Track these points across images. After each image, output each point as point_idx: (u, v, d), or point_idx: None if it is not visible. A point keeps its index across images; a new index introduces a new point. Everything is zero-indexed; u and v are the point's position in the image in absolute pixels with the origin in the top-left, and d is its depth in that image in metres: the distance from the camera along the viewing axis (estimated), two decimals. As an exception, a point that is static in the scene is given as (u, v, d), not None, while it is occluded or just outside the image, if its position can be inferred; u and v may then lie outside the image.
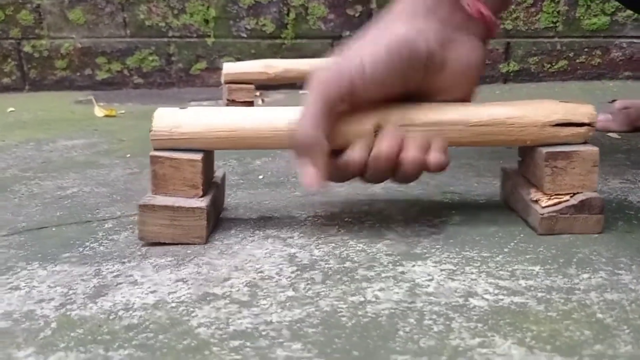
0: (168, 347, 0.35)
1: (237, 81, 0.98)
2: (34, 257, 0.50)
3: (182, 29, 1.41)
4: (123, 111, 1.19)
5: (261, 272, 0.45)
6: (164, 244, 0.51)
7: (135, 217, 0.58)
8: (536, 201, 0.51)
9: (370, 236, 0.52)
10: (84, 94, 1.42)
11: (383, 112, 0.51)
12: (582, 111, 0.51)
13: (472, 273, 0.44)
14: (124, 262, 0.48)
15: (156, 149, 0.52)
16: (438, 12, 0.49)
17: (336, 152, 0.49)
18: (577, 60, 1.34)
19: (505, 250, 0.48)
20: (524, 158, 0.54)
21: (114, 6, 1.41)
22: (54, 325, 0.38)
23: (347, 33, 1.38)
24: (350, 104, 0.49)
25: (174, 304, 0.41)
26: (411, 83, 0.49)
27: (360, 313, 0.39)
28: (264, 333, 0.37)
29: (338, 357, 0.34)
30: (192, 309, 0.40)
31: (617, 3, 1.30)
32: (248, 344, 0.35)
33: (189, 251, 0.50)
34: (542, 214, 0.50)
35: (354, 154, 0.49)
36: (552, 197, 0.50)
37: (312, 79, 0.49)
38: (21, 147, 0.91)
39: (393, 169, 0.49)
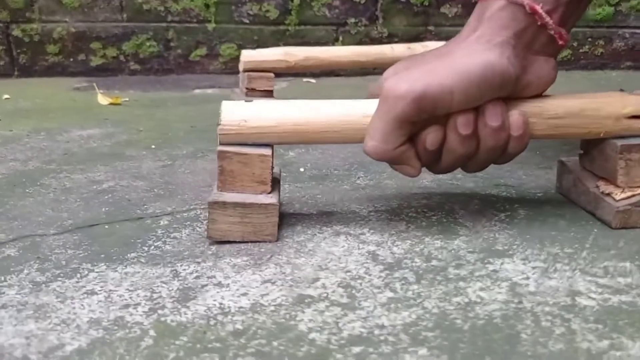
0: (288, 354, 0.34)
1: (256, 69, 0.95)
2: (97, 258, 0.47)
3: (181, 13, 1.37)
4: (127, 99, 1.15)
5: (348, 271, 0.44)
6: (232, 242, 0.49)
7: (190, 214, 0.56)
8: (608, 194, 0.51)
9: (443, 232, 0.50)
10: (77, 80, 1.37)
11: None
12: None
13: (565, 270, 0.43)
14: (198, 262, 0.46)
15: (223, 144, 0.49)
16: (523, 38, 0.48)
17: None
18: (581, 50, 1.35)
19: (587, 245, 0.47)
20: (589, 150, 0.54)
21: (110, -11, 1.36)
22: (152, 332, 0.36)
23: (352, 20, 1.36)
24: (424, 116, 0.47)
25: (272, 308, 0.39)
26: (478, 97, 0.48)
27: (471, 315, 0.38)
28: (382, 338, 0.35)
29: (467, 363, 0.33)
30: (294, 313, 0.38)
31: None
32: (371, 349, 0.34)
33: (262, 249, 0.48)
34: (618, 208, 0.50)
35: (430, 131, 0.48)
36: (626, 190, 0.50)
37: (385, 91, 0.47)
38: (33, 137, 0.87)
39: (473, 137, 0.48)
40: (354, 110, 0.50)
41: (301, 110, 0.50)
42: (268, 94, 0.95)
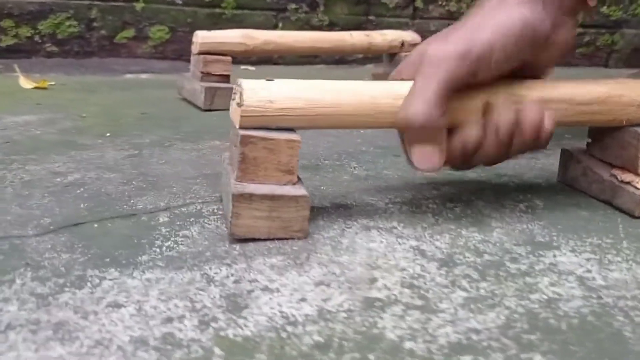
0: (394, 369, 0.29)
1: (212, 52, 0.88)
2: (102, 262, 0.39)
3: (106, -9, 1.25)
4: (53, 82, 1.03)
5: (403, 269, 0.40)
6: (257, 240, 0.43)
7: (190, 209, 0.49)
8: (628, 182, 0.50)
9: (475, 224, 0.48)
10: (-18, 62, 1.21)
11: (490, 89, 0.47)
12: None
13: (620, 262, 0.42)
14: (229, 264, 0.40)
15: (244, 127, 0.44)
16: None
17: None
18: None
19: (622, 235, 0.47)
20: (601, 139, 0.53)
21: (23, -40, 1.21)
22: (218, 351, 0.30)
23: (293, 6, 1.30)
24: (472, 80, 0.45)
25: (343, 314, 0.34)
26: (524, 61, 0.47)
27: (560, 313, 0.35)
28: (484, 344, 0.32)
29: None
30: (371, 319, 0.34)
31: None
32: (481, 358, 0.30)
33: (294, 247, 0.42)
34: None
35: (472, 131, 0.46)
36: None
37: (430, 55, 0.45)
38: (-44, 123, 0.75)
39: (510, 143, 0.47)
40: (388, 92, 0.45)
41: (331, 91, 0.45)
42: (224, 78, 0.88)
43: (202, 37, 0.87)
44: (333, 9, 1.32)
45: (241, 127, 0.44)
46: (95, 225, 0.46)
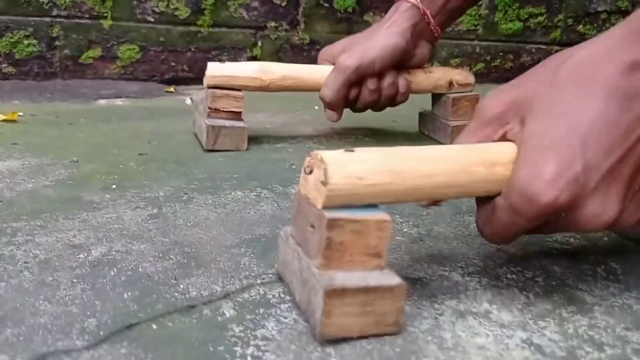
0: None
1: (223, 86, 0.80)
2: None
3: (70, 7, 1.14)
4: (22, 113, 0.93)
5: (532, 375, 0.35)
6: (347, 340, 0.38)
7: (252, 294, 0.43)
8: None
9: (571, 301, 0.44)
10: None
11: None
12: None
13: None
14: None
15: (328, 207, 0.38)
16: (417, 28, 0.79)
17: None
18: (493, 64, 1.38)
19: None
20: None
21: (-25, -28, 1.09)
22: None
23: (272, 24, 1.24)
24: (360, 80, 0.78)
25: None
26: (398, 65, 0.80)
27: None
28: None
29: None
30: None
31: (531, 9, 1.35)
32: None
33: (397, 349, 0.37)
34: None
35: (371, 85, 0.78)
36: None
37: (338, 65, 0.77)
38: None
39: (378, 96, 0.79)
40: (481, 159, 0.41)
41: (422, 159, 0.40)
42: (235, 115, 0.80)
43: (212, 71, 0.78)
44: (314, 27, 1.26)
45: (324, 207, 0.38)
46: (154, 327, 0.39)
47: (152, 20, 1.19)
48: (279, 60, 1.25)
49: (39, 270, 0.45)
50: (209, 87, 0.79)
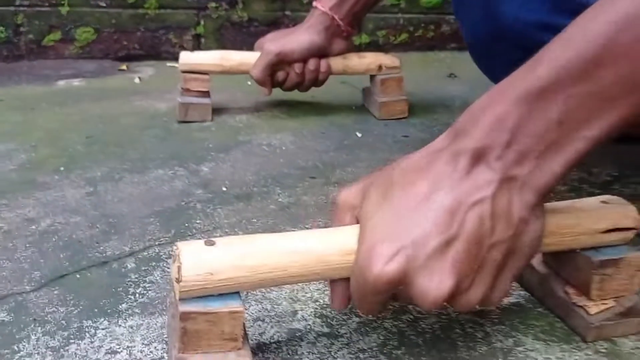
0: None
1: (193, 71, 0.99)
2: (92, 313, 0.53)
3: (30, -4, 1.29)
4: (-10, 98, 1.10)
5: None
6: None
7: (150, 252, 0.62)
8: (582, 306, 0.51)
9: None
10: None
11: None
12: (631, 215, 0.51)
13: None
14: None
15: (183, 300, 0.42)
16: (329, 30, 0.99)
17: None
18: (416, 34, 1.54)
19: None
20: (558, 255, 0.53)
21: (-57, -31, 1.23)
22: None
23: (213, 4, 1.39)
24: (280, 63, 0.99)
25: None
26: (315, 56, 1.00)
27: None
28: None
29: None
30: None
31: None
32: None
33: None
34: (592, 321, 0.51)
35: (297, 69, 1.00)
36: (599, 303, 0.51)
37: (263, 50, 0.99)
38: None
39: (302, 78, 1.00)
40: (337, 248, 0.44)
41: (277, 253, 0.43)
42: (203, 94, 1.00)
43: (183, 58, 1.00)
44: (251, 6, 1.42)
45: (181, 300, 0.42)
46: (78, 276, 0.58)
47: (104, 5, 1.34)
48: (221, 37, 1.41)
49: (3, 239, 0.64)
50: (182, 72, 0.99)
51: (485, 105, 0.42)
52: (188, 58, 1.00)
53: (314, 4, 1.00)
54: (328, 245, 0.44)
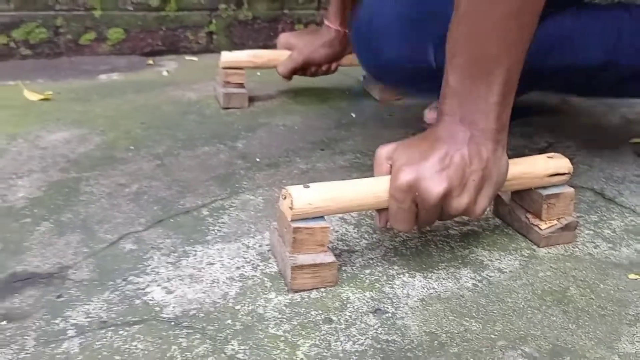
0: (340, 278, 0.72)
1: (231, 67, 1.25)
2: (190, 242, 0.79)
3: (69, 2, 1.52)
4: (50, 92, 1.33)
5: (337, 231, 0.82)
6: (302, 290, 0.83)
7: (216, 204, 0.88)
8: (536, 225, 0.78)
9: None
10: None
11: None
12: (565, 165, 0.77)
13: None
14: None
15: (294, 220, 0.67)
16: (342, 41, 1.26)
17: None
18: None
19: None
20: (520, 192, 0.80)
21: (-5, -19, 1.45)
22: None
23: (223, 6, 1.63)
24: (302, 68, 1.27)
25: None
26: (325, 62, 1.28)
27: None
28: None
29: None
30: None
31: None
32: None
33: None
34: (543, 234, 0.77)
35: (313, 69, 1.30)
36: (547, 222, 0.77)
37: (292, 56, 1.26)
38: (15, 144, 1.06)
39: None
40: (378, 189, 0.70)
41: (345, 191, 0.69)
42: (240, 85, 1.26)
43: (224, 57, 1.26)
44: (255, 5, 1.66)
45: (292, 220, 0.67)
46: (171, 221, 0.84)
47: (132, 9, 1.57)
48: (230, 33, 1.65)
49: (108, 198, 0.89)
50: (223, 68, 1.25)
51: (448, 96, 0.70)
52: (228, 57, 1.26)
53: (325, 22, 1.26)
54: (375, 187, 0.70)
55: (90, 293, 0.68)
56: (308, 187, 0.68)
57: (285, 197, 0.68)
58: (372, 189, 0.70)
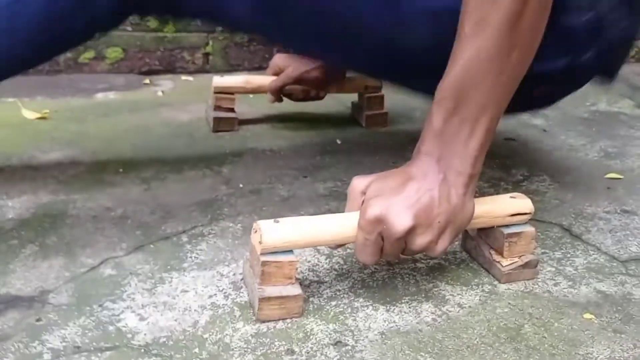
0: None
1: (223, 92, 1.29)
2: (167, 269, 0.82)
3: (70, 23, 1.57)
4: (47, 110, 1.37)
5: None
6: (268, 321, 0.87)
7: (196, 231, 0.92)
8: (498, 262, 0.81)
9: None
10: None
11: None
12: (527, 205, 0.81)
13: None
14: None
15: (263, 254, 0.71)
16: (332, 69, 1.28)
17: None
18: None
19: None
20: (485, 229, 0.83)
21: (-1, 1, 1.50)
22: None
23: (219, 28, 1.67)
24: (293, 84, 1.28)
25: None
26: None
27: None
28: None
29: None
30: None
31: None
32: None
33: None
34: (504, 271, 0.80)
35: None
36: (508, 259, 0.80)
37: (285, 73, 1.28)
38: (9, 164, 1.11)
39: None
40: (347, 224, 0.73)
41: (312, 227, 0.73)
42: (230, 110, 1.31)
43: (216, 82, 1.30)
44: (251, 29, 1.70)
45: (261, 254, 0.70)
46: (152, 246, 0.88)
47: (130, 29, 1.62)
48: (226, 55, 1.70)
49: (93, 222, 0.93)
50: (215, 92, 1.29)
51: (429, 136, 0.75)
52: (219, 81, 1.30)
53: None
54: (343, 224, 0.73)
55: (68, 318, 0.72)
56: (278, 222, 0.71)
57: (256, 231, 0.72)
58: (339, 226, 0.73)
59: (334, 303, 0.77)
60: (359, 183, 0.76)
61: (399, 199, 0.71)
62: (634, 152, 1.29)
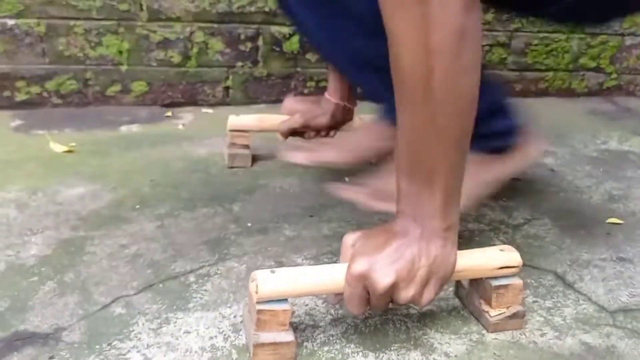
0: None
1: (238, 129, 1.36)
2: (174, 308, 0.88)
3: (98, 58, 1.65)
4: (74, 144, 1.45)
5: (307, 305, 0.90)
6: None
7: (203, 271, 0.97)
8: (487, 311, 0.85)
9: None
10: (9, 117, 1.61)
11: None
12: (515, 258, 0.84)
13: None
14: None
15: (259, 303, 0.75)
16: (342, 112, 1.33)
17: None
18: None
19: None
20: (475, 280, 0.86)
21: (33, 38, 1.59)
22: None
23: (240, 63, 1.74)
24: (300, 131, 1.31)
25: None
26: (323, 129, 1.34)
27: None
28: (334, 341, 0.83)
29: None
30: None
31: None
32: None
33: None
34: (492, 321, 0.84)
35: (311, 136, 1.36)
36: (496, 310, 0.84)
37: (293, 118, 1.31)
38: (35, 199, 1.18)
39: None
40: (338, 276, 0.77)
41: (306, 277, 0.77)
42: (245, 146, 1.38)
43: (231, 120, 1.38)
44: (270, 64, 1.77)
45: (257, 302, 0.75)
46: (161, 285, 0.94)
47: (155, 64, 1.70)
48: (245, 89, 1.76)
49: (108, 259, 1.00)
50: (230, 130, 1.37)
51: (401, 196, 0.79)
52: (234, 120, 1.37)
53: (327, 95, 1.33)
54: (335, 275, 0.77)
55: (78, 356, 0.78)
56: (274, 272, 0.76)
57: (253, 280, 0.76)
58: (332, 277, 0.78)
59: (326, 349, 0.81)
60: (348, 238, 0.81)
61: (382, 256, 0.75)
62: (638, 194, 1.31)
